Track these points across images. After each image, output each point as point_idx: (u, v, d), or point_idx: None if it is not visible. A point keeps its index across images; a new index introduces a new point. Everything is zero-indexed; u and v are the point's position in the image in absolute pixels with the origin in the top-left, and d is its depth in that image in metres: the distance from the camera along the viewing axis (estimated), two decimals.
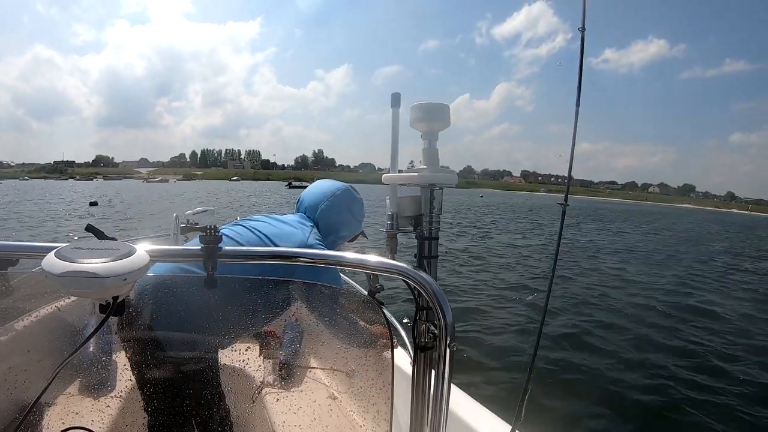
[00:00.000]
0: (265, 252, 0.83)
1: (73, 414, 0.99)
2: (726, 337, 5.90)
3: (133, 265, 0.55)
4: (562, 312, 6.47)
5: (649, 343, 5.50)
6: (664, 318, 6.69)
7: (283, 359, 1.29)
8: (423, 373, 0.77)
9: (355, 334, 0.96)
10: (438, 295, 0.71)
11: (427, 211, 0.78)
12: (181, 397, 1.16)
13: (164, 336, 1.06)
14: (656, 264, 12.23)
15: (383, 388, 0.84)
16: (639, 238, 19.71)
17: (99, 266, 0.52)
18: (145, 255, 0.58)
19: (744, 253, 17.50)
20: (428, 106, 0.76)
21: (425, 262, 0.78)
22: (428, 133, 0.78)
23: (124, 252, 0.56)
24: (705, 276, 10.68)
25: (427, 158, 0.78)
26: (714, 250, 17.12)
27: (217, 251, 0.73)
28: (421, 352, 0.77)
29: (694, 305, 7.49)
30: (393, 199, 0.79)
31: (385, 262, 0.74)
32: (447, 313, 0.71)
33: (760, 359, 4.98)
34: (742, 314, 7.15)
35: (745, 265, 13.25)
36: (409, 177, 0.77)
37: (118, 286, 0.54)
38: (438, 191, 0.78)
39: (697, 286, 9.33)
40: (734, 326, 6.50)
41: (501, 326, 5.81)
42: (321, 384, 1.29)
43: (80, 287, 0.52)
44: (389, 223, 0.79)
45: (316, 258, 0.76)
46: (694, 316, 6.80)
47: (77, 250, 0.55)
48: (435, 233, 0.78)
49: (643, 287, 8.97)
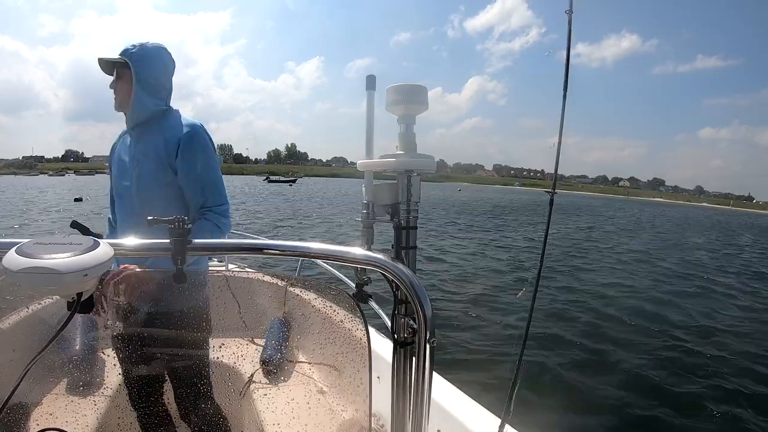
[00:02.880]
0: (234, 245, 0.79)
1: (47, 414, 0.97)
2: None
3: (95, 260, 0.53)
4: (550, 306, 6.58)
5: (637, 338, 5.65)
6: (655, 313, 6.86)
7: (270, 354, 1.27)
8: (404, 369, 0.74)
9: (339, 328, 0.93)
10: (417, 288, 0.68)
11: (404, 198, 0.74)
12: (167, 394, 1.15)
13: (148, 333, 1.04)
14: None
15: (361, 384, 0.81)
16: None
17: (58, 261, 0.50)
18: (108, 249, 0.56)
19: None
20: (405, 87, 0.71)
21: (403, 253, 0.74)
22: (405, 116, 0.73)
23: (86, 246, 0.54)
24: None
25: (404, 143, 0.74)
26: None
27: (186, 244, 0.69)
28: (401, 347, 0.73)
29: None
30: (368, 187, 0.74)
31: (360, 254, 0.70)
32: (426, 307, 0.68)
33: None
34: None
35: None
36: (385, 163, 0.73)
37: (79, 282, 0.52)
38: (416, 178, 0.74)
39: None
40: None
41: (490, 320, 5.87)
42: (309, 378, 1.28)
43: (39, 283, 0.50)
44: (365, 212, 0.74)
45: (286, 249, 0.72)
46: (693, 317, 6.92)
47: (38, 245, 0.53)
48: (413, 222, 0.74)
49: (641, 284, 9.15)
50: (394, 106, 0.73)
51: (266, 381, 1.21)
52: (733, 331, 6.17)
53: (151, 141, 1.40)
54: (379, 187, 0.75)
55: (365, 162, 0.74)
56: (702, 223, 38.50)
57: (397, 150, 0.75)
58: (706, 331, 6.15)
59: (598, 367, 4.64)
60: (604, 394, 4.05)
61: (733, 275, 11.24)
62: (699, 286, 9.40)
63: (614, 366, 4.71)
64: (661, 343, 5.52)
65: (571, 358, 4.79)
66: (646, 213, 45.60)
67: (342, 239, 2.74)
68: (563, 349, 5.02)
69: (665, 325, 6.30)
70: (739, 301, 8.29)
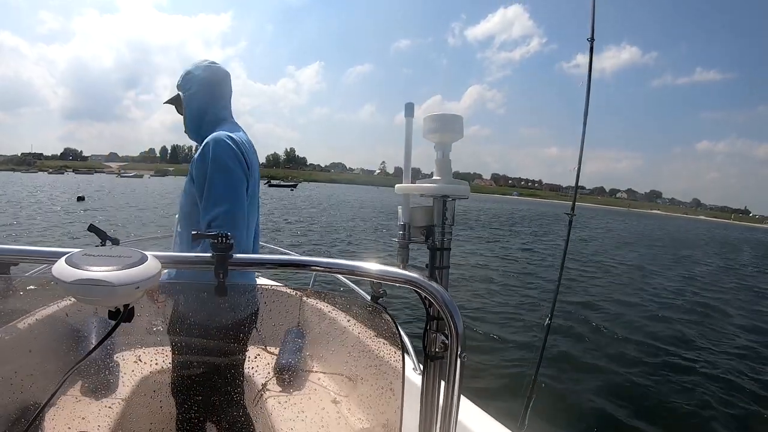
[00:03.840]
0: (277, 260, 0.82)
1: (79, 419, 1.00)
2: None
3: (145, 273, 0.55)
4: (567, 322, 6.58)
5: (654, 354, 5.65)
6: (673, 329, 6.84)
7: (285, 363, 1.29)
8: (432, 383, 0.78)
9: (360, 339, 0.96)
10: (449, 305, 0.72)
11: (439, 222, 0.78)
12: (189, 402, 1.18)
13: (175, 341, 1.07)
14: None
15: (393, 397, 0.85)
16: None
17: (111, 274, 0.52)
18: (156, 263, 0.58)
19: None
20: (442, 117, 0.76)
21: (437, 273, 0.79)
22: (441, 144, 0.78)
23: (136, 259, 0.56)
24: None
25: (441, 169, 0.78)
26: None
27: (228, 259, 0.72)
28: (431, 361, 0.78)
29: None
30: (405, 209, 0.79)
31: (397, 272, 0.74)
32: (458, 323, 0.72)
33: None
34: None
35: None
36: (423, 188, 0.77)
37: (130, 294, 0.54)
38: (451, 202, 0.78)
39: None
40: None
41: (506, 334, 5.90)
42: (324, 389, 1.29)
43: (92, 295, 0.52)
44: (401, 233, 0.79)
45: (331, 267, 0.76)
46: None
47: (87, 257, 0.54)
48: (447, 244, 0.79)
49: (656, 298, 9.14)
50: (431, 134, 0.77)
51: (280, 389, 1.23)
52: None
53: (193, 163, 1.38)
54: (415, 210, 0.79)
55: (403, 186, 0.79)
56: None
57: (432, 174, 0.80)
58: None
59: (613, 384, 4.66)
60: (618, 412, 4.08)
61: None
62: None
63: (629, 382, 4.72)
64: (683, 362, 5.52)
65: (587, 377, 4.82)
66: (672, 224, 45.01)
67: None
68: (578, 366, 5.06)
69: (695, 346, 6.28)
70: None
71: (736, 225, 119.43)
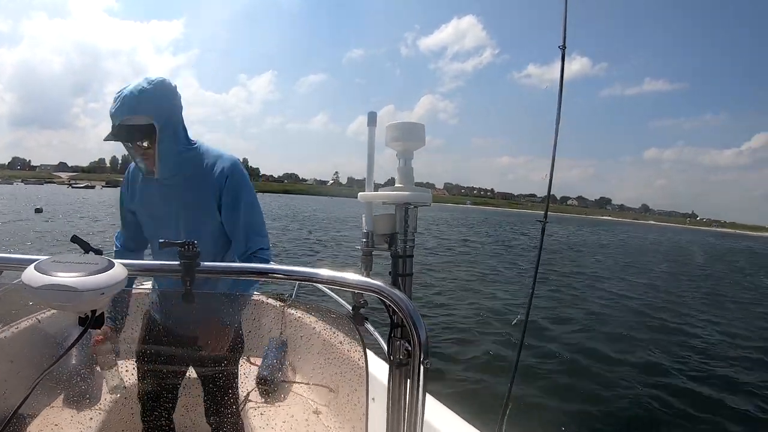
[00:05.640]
0: (242, 268, 0.83)
1: (52, 425, 1.00)
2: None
3: (111, 280, 0.56)
4: (543, 329, 6.70)
5: (629, 359, 5.82)
6: (644, 335, 7.06)
7: (267, 374, 1.28)
8: (399, 390, 0.78)
9: (340, 349, 0.97)
10: (412, 313, 0.72)
11: (401, 229, 0.79)
12: (166, 411, 1.16)
13: (151, 350, 1.06)
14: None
15: (358, 404, 0.85)
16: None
17: (76, 280, 0.53)
18: (122, 269, 0.59)
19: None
20: (404, 125, 0.77)
21: (400, 280, 0.79)
22: (404, 152, 0.79)
23: (102, 266, 0.57)
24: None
25: (403, 177, 0.79)
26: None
27: (196, 266, 0.72)
28: (396, 368, 0.78)
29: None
30: (368, 218, 0.79)
31: (360, 280, 0.74)
32: (421, 331, 0.73)
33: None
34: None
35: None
36: (385, 195, 0.78)
37: (95, 300, 0.55)
38: (413, 210, 0.79)
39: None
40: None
41: (483, 341, 5.96)
42: (305, 398, 1.29)
43: (58, 300, 0.53)
44: (364, 241, 0.79)
45: (291, 274, 0.75)
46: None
47: (56, 263, 0.56)
48: (410, 251, 0.79)
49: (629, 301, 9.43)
50: (394, 142, 0.78)
51: (262, 400, 1.23)
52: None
53: (191, 188, 1.30)
54: (378, 218, 0.80)
55: (366, 194, 0.79)
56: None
57: (395, 182, 0.80)
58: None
59: (590, 389, 4.78)
60: (595, 416, 4.18)
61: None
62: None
63: (605, 388, 4.85)
64: (657, 366, 5.72)
65: (561, 380, 4.93)
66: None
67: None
68: (552, 372, 5.16)
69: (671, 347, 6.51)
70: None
71: (690, 229, 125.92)
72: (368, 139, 0.78)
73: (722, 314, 9.33)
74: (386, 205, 0.79)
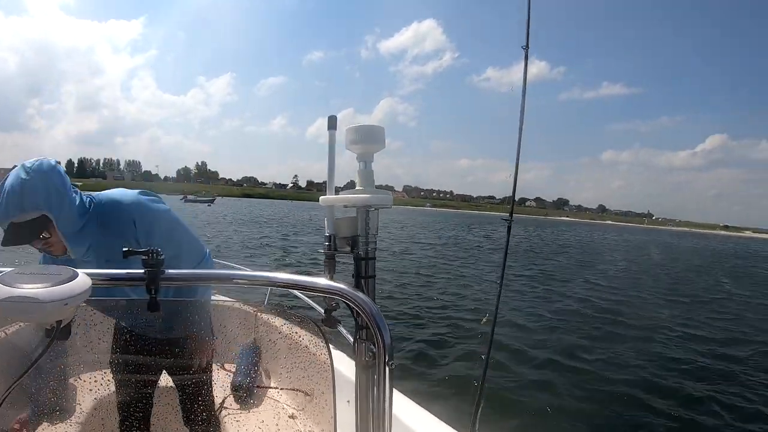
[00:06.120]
0: (206, 275, 0.82)
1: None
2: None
3: (74, 290, 0.55)
4: (512, 326, 6.81)
5: (594, 357, 5.97)
6: (608, 333, 7.23)
7: (241, 380, 1.28)
8: (366, 391, 0.79)
9: (313, 352, 0.97)
10: (375, 315, 0.73)
11: (363, 231, 0.79)
12: (142, 420, 1.14)
13: (121, 360, 1.04)
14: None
15: (326, 407, 0.85)
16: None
17: (39, 291, 0.52)
18: (86, 279, 0.58)
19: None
20: (364, 128, 0.78)
21: (363, 282, 0.79)
22: (364, 155, 0.79)
23: (66, 277, 0.56)
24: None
25: (363, 180, 0.80)
26: None
27: (160, 275, 0.71)
28: (363, 370, 0.78)
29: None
30: (330, 221, 0.80)
31: (323, 283, 0.74)
32: (385, 332, 0.74)
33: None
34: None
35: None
36: (345, 198, 0.78)
37: (59, 311, 0.55)
38: (373, 212, 0.80)
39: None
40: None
41: (450, 338, 6.00)
42: (278, 403, 1.29)
43: (21, 312, 0.53)
44: (327, 244, 0.80)
45: (254, 279, 0.75)
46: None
47: (19, 275, 0.55)
48: (372, 253, 0.80)
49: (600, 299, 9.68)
50: (354, 145, 0.79)
51: (237, 406, 1.23)
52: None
53: (109, 246, 1.20)
54: (340, 221, 0.80)
55: (327, 197, 0.79)
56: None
57: (355, 185, 0.81)
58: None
59: (563, 385, 4.88)
60: (568, 413, 4.27)
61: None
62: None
63: (578, 384, 4.95)
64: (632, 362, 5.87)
65: (533, 377, 5.02)
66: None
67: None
68: (526, 369, 5.25)
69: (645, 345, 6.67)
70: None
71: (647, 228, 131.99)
72: (329, 143, 0.78)
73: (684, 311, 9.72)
74: (348, 208, 0.80)
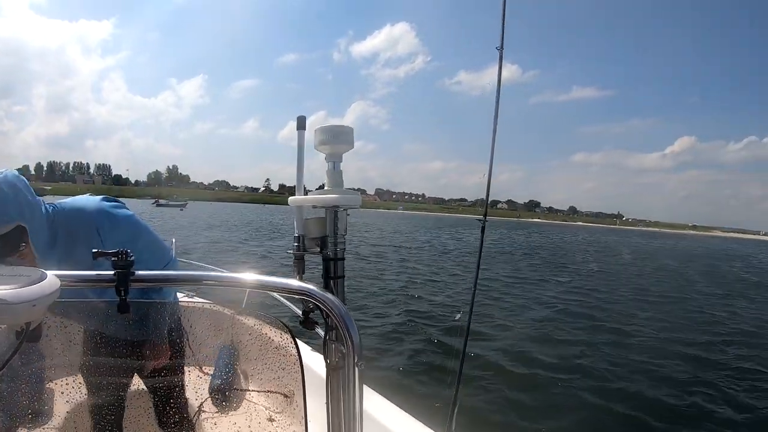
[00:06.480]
0: (175, 276, 0.81)
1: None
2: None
3: (42, 291, 0.54)
4: (487, 327, 6.87)
5: (575, 351, 6.08)
6: (582, 335, 7.35)
7: (219, 383, 1.26)
8: (336, 392, 0.79)
9: (292, 354, 0.97)
10: (344, 316, 0.73)
11: (331, 232, 0.79)
12: (115, 425, 1.12)
13: (91, 363, 1.03)
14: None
15: (297, 409, 0.85)
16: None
17: (8, 293, 0.50)
18: (55, 280, 0.57)
19: None
20: (333, 128, 0.78)
21: (332, 283, 0.79)
22: (332, 155, 0.80)
23: (34, 278, 0.55)
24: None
25: (332, 180, 0.80)
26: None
27: (130, 276, 0.70)
28: (333, 371, 0.78)
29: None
30: (299, 222, 0.80)
31: (291, 284, 0.74)
32: (353, 333, 0.74)
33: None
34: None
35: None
36: (313, 199, 0.78)
37: (28, 312, 0.53)
38: (342, 213, 0.80)
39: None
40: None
41: (425, 338, 6.02)
42: (258, 406, 1.27)
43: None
44: (296, 245, 0.79)
45: (224, 280, 0.74)
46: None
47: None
48: (341, 254, 0.80)
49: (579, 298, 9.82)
50: (322, 145, 0.79)
51: (215, 410, 1.21)
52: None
53: (76, 254, 1.19)
54: (308, 222, 0.80)
55: (296, 198, 0.79)
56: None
57: (324, 186, 0.81)
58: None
59: (539, 384, 4.95)
60: (545, 413, 4.34)
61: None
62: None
63: (554, 383, 5.04)
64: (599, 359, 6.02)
65: (510, 375, 5.08)
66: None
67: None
68: (503, 367, 5.31)
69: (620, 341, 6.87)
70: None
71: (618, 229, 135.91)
72: (298, 143, 0.78)
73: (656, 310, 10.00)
74: (317, 208, 0.80)
